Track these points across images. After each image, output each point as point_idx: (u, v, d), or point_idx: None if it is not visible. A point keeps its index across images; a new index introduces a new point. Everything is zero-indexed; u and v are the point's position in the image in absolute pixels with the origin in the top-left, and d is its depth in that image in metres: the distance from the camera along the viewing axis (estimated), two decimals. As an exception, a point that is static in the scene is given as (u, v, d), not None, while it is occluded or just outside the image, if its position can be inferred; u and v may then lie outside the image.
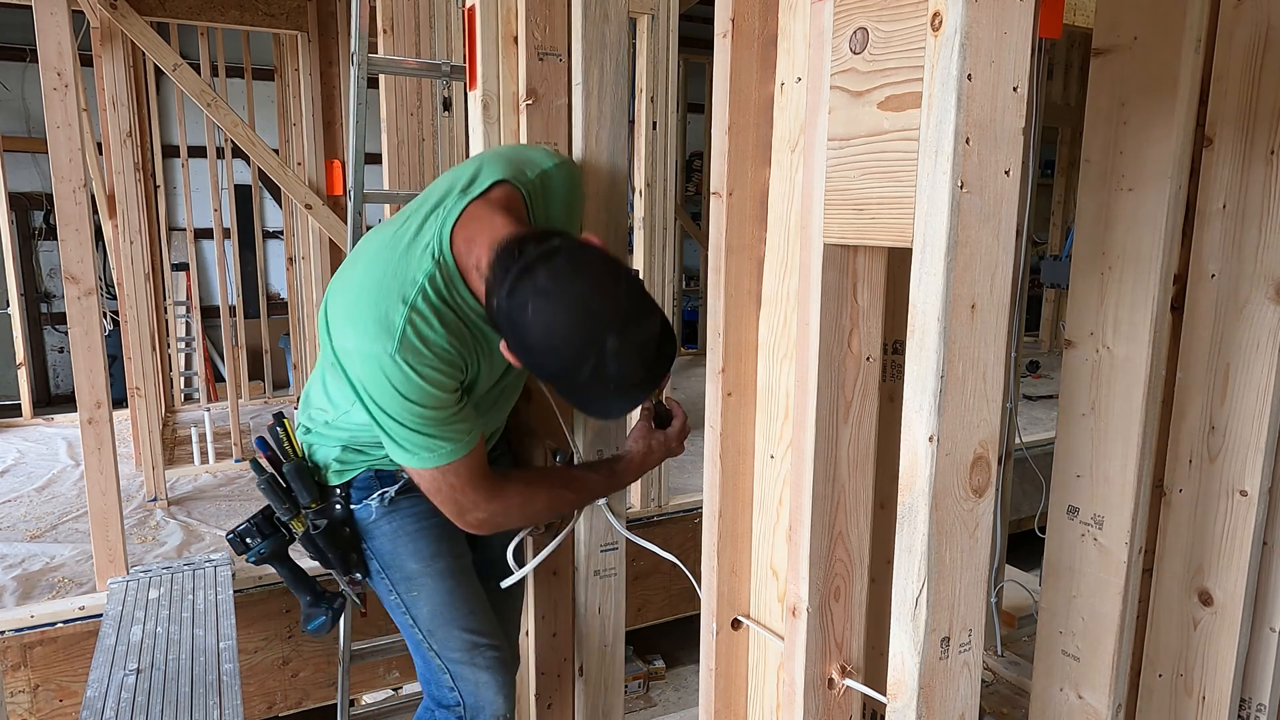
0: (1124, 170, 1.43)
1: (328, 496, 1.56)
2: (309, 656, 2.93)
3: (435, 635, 1.58)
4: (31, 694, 2.58)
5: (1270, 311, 1.41)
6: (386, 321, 1.28)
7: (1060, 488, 1.57)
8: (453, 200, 1.35)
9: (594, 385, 1.22)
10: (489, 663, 1.60)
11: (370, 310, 1.30)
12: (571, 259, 1.20)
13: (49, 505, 3.72)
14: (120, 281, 4.09)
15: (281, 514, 1.57)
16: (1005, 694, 2.54)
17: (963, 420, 0.76)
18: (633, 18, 3.19)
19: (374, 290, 1.31)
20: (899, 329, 1.00)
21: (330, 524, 1.54)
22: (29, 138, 6.84)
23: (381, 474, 1.55)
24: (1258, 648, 1.55)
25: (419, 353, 1.28)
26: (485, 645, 1.60)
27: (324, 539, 1.54)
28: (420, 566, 1.56)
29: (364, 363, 1.30)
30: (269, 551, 1.60)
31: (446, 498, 1.39)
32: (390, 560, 1.56)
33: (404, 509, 1.55)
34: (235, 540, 1.61)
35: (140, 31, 3.71)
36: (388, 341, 1.27)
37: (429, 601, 1.57)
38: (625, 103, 1.60)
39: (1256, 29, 1.38)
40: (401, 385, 1.29)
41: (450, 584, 1.57)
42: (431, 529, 1.56)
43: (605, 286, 1.21)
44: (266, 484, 1.55)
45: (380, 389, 1.30)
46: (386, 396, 1.30)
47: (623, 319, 1.20)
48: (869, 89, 0.81)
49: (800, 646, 0.96)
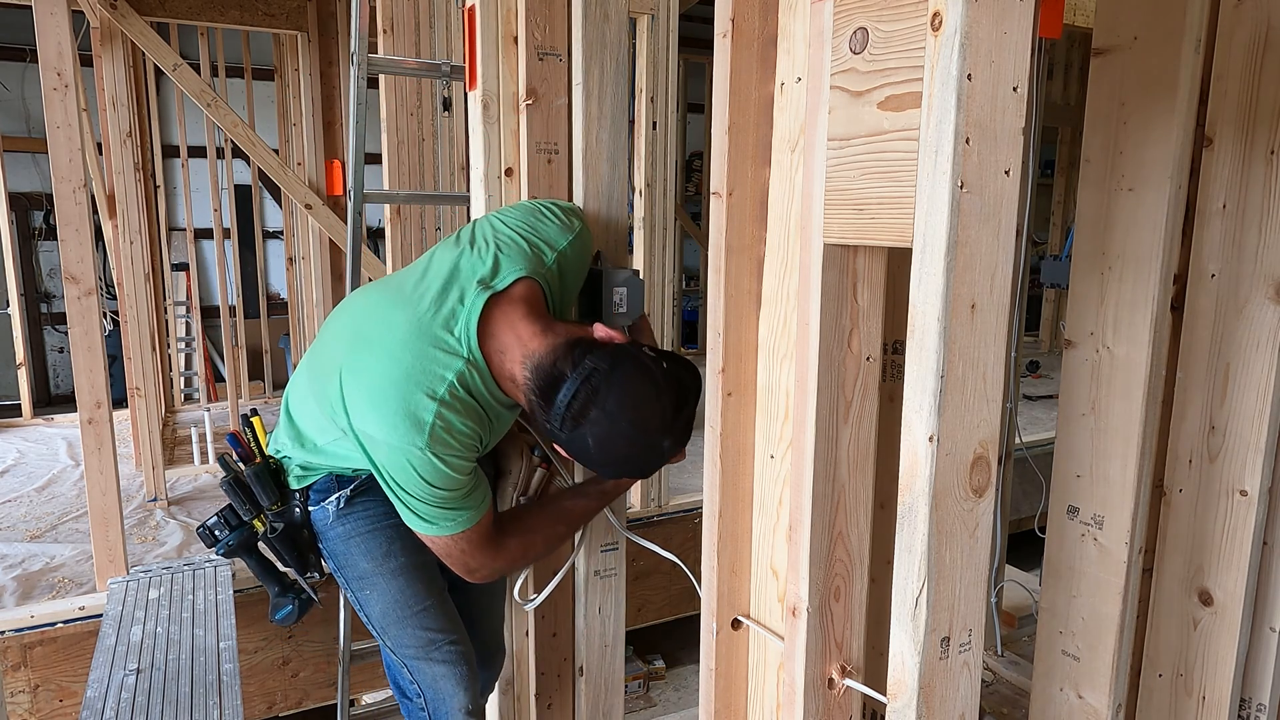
0: (1124, 170, 1.43)
1: (288, 499, 1.59)
2: (309, 656, 2.93)
3: (389, 632, 1.62)
4: (31, 694, 2.58)
5: (1270, 311, 1.41)
6: (415, 418, 1.32)
7: (1060, 488, 1.57)
8: (473, 295, 1.38)
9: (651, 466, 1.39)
10: (445, 656, 1.63)
11: (397, 404, 1.33)
12: (614, 389, 1.28)
13: (49, 505, 3.72)
14: (120, 281, 4.09)
15: (243, 514, 1.61)
16: (1005, 694, 2.54)
17: (963, 420, 0.76)
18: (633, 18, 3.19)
19: (401, 383, 1.34)
20: (899, 329, 1.00)
21: (287, 526, 1.59)
22: (29, 138, 6.84)
23: (340, 478, 1.57)
24: (1258, 648, 1.55)
25: (447, 444, 1.34)
26: (441, 640, 1.62)
27: (280, 540, 1.59)
28: (372, 566, 1.58)
29: (390, 453, 1.35)
30: (237, 543, 1.63)
31: (457, 561, 1.46)
32: (344, 560, 1.59)
33: (358, 511, 1.58)
34: (205, 533, 1.64)
35: (140, 31, 3.71)
36: (417, 437, 1.32)
37: (380, 600, 1.60)
38: (625, 103, 1.60)
39: (1256, 29, 1.38)
40: (429, 474, 1.34)
41: (402, 582, 1.59)
42: (385, 529, 1.58)
43: (650, 403, 1.30)
44: (229, 484, 1.59)
45: (406, 476, 1.36)
46: (412, 483, 1.36)
47: (670, 420, 1.32)
48: (869, 89, 0.81)
49: (800, 646, 0.96)
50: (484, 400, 1.39)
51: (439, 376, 1.34)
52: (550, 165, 1.74)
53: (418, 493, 1.37)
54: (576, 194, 1.63)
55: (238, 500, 1.59)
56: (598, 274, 1.59)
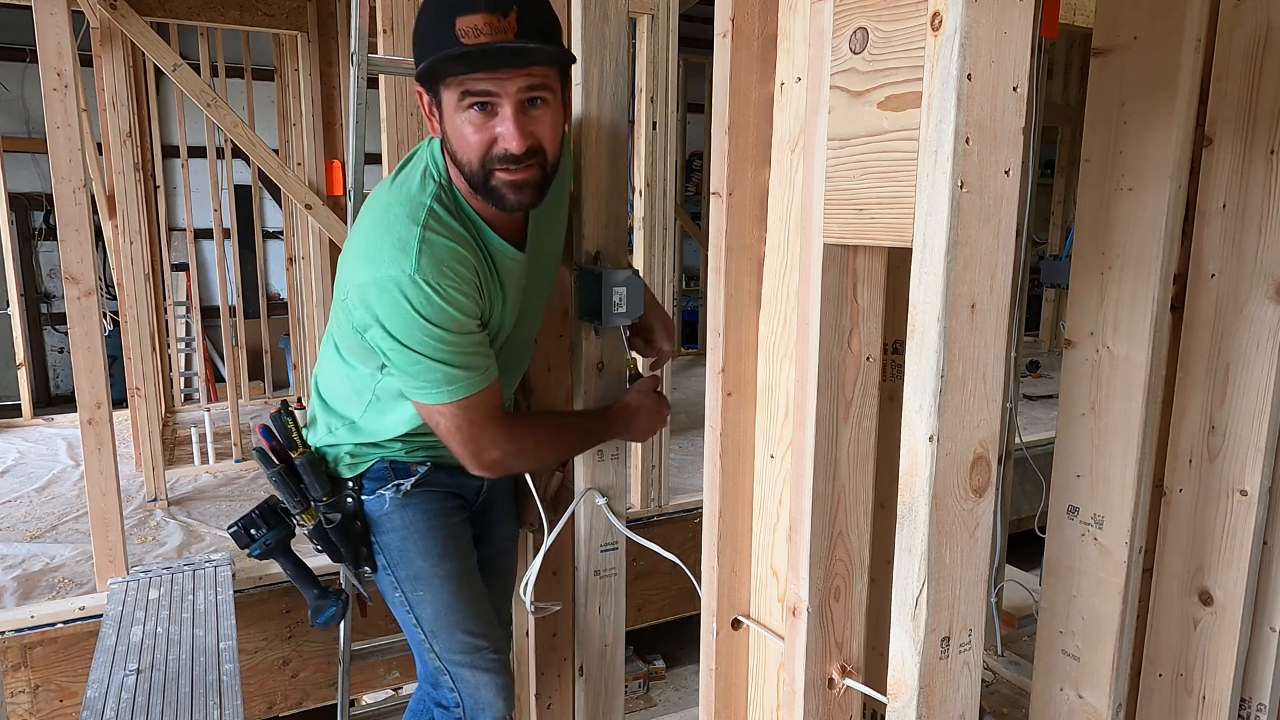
0: (1124, 170, 1.43)
1: (339, 489, 1.54)
2: (309, 657, 2.93)
3: (438, 636, 1.58)
4: (31, 694, 2.58)
5: (1270, 311, 1.41)
6: (402, 244, 1.28)
7: (1060, 487, 1.57)
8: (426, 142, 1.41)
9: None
10: (489, 664, 1.60)
11: (383, 239, 1.30)
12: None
13: (49, 505, 3.72)
14: (120, 281, 4.09)
15: (292, 506, 1.53)
16: (1005, 694, 2.54)
17: (963, 420, 0.76)
18: (633, 18, 3.19)
19: (382, 222, 1.32)
20: (899, 329, 1.00)
21: (343, 517, 1.52)
22: (29, 138, 6.84)
23: (396, 466, 1.53)
24: (1258, 647, 1.55)
25: (438, 269, 1.28)
26: (486, 648, 1.60)
27: (337, 532, 1.52)
28: (428, 565, 1.55)
29: (381, 291, 1.29)
30: (274, 542, 1.57)
31: (466, 436, 1.37)
32: (399, 557, 1.55)
33: (417, 504, 1.54)
34: (239, 532, 1.57)
35: (140, 32, 3.71)
36: (406, 262, 1.27)
37: (434, 602, 1.56)
38: (625, 103, 1.60)
39: (1256, 29, 1.38)
40: (423, 307, 1.28)
41: (455, 585, 1.57)
42: (442, 528, 1.56)
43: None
44: (278, 475, 1.51)
45: (401, 317, 1.29)
46: (408, 324, 1.29)
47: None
48: (869, 89, 0.80)
49: (800, 646, 0.96)
50: (467, 223, 1.36)
51: (418, 203, 1.32)
52: (550, 165, 1.73)
53: (415, 339, 1.30)
54: (576, 194, 1.63)
55: (287, 493, 1.52)
56: (598, 274, 1.59)
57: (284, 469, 1.51)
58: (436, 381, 1.33)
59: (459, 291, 1.30)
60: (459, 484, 1.62)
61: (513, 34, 1.25)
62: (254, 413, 5.36)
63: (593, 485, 1.69)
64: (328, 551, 1.57)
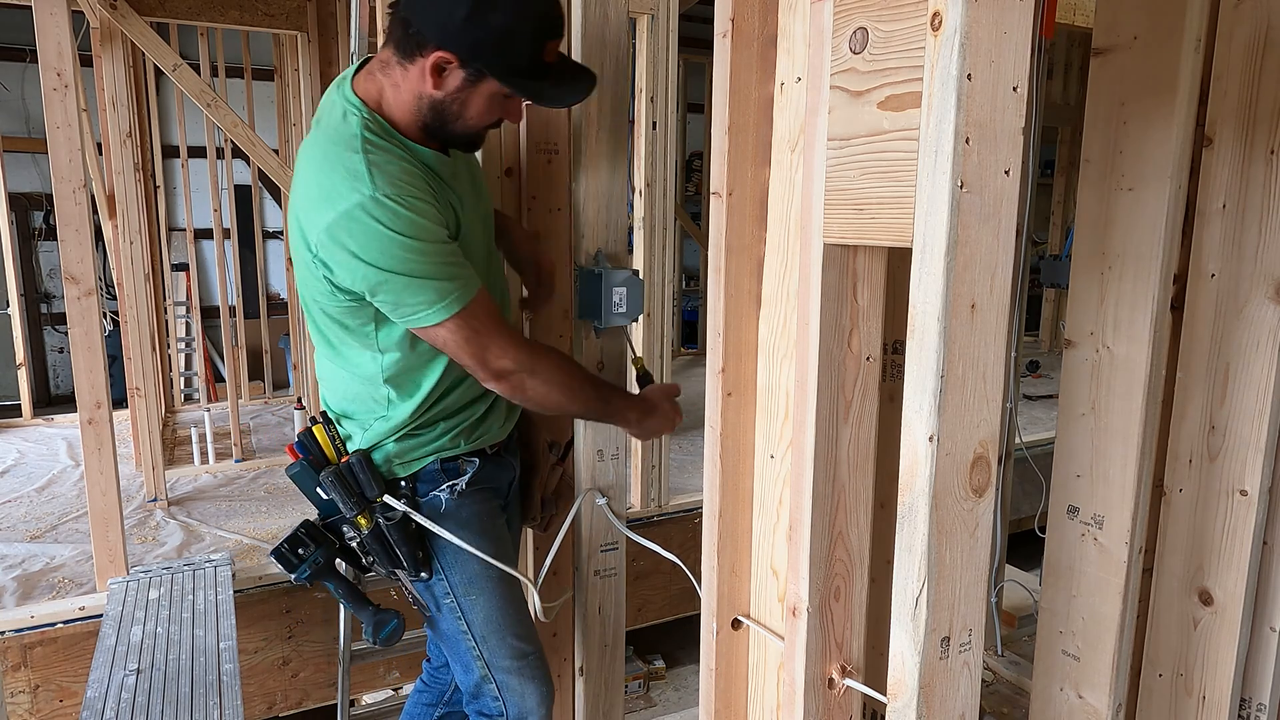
0: (1124, 170, 1.43)
1: (394, 490, 1.50)
2: (309, 657, 2.93)
3: (488, 643, 1.55)
4: (32, 694, 2.58)
5: (1270, 311, 1.41)
6: (353, 173, 1.29)
7: (1060, 487, 1.57)
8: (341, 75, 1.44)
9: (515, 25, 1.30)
10: (535, 672, 1.58)
11: (332, 176, 1.31)
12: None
13: (49, 505, 3.72)
14: (120, 282, 4.09)
15: (347, 510, 1.47)
16: (1005, 694, 2.54)
17: (963, 420, 0.76)
18: (633, 18, 3.19)
19: (324, 165, 1.33)
20: (899, 329, 1.00)
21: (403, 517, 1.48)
22: (29, 138, 6.83)
23: (446, 465, 1.51)
24: (1258, 647, 1.55)
25: (394, 182, 1.30)
26: (532, 654, 1.58)
27: (396, 533, 1.48)
28: (482, 569, 1.52)
29: (350, 221, 1.28)
30: (324, 561, 1.51)
31: (474, 346, 1.36)
32: (454, 561, 1.52)
33: (470, 505, 1.52)
34: (285, 554, 1.50)
35: (140, 32, 3.71)
36: (363, 186, 1.28)
37: (485, 606, 1.54)
38: (625, 103, 1.60)
39: (1256, 29, 1.38)
40: (393, 223, 1.28)
41: (504, 589, 1.55)
42: (492, 529, 1.55)
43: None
44: (332, 477, 1.45)
45: (375, 239, 1.28)
46: (384, 244, 1.28)
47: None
48: (869, 89, 0.81)
49: (800, 646, 0.96)
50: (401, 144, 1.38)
51: (350, 135, 1.33)
52: (550, 165, 1.74)
53: (394, 259, 1.29)
54: (576, 194, 1.63)
55: (343, 494, 1.46)
56: (598, 274, 1.59)
57: (340, 468, 1.46)
58: (429, 300, 1.32)
59: (420, 199, 1.31)
60: (499, 478, 1.62)
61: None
62: (254, 413, 5.37)
63: (593, 485, 1.69)
64: (383, 558, 1.51)
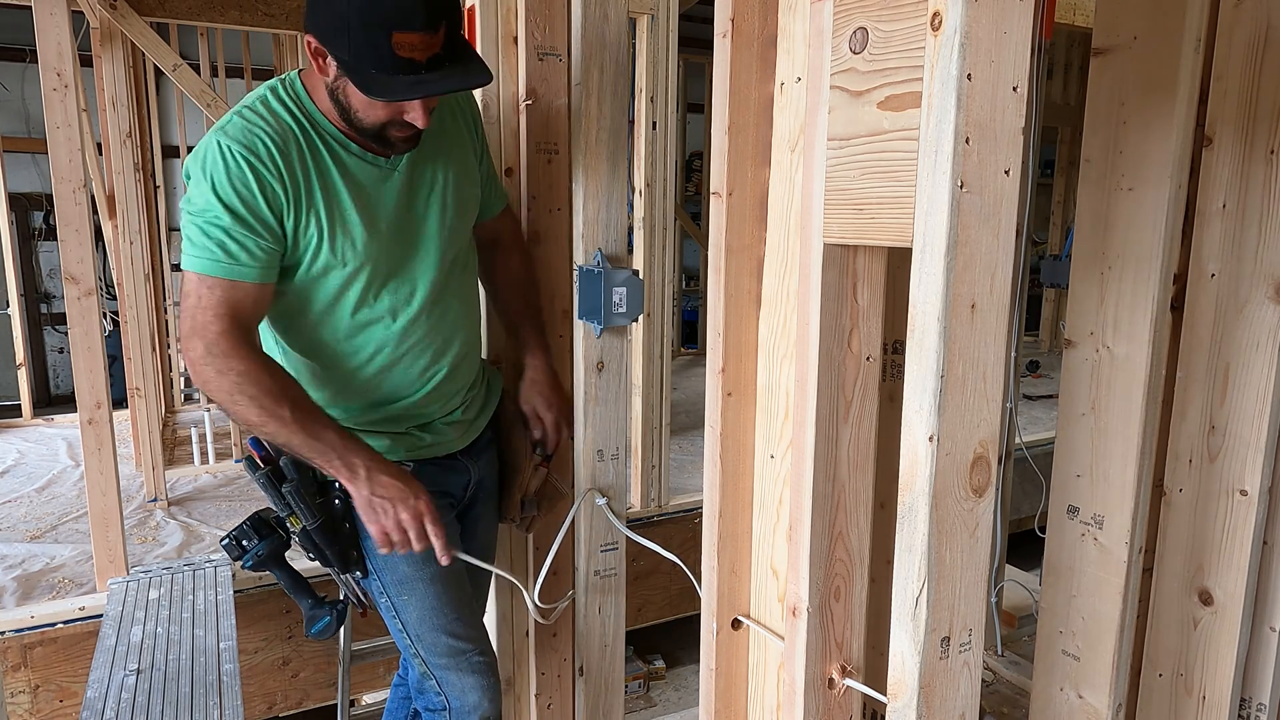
0: (1124, 170, 1.43)
1: (327, 491, 1.53)
2: (309, 657, 2.93)
3: (423, 640, 1.58)
4: (32, 694, 2.58)
5: (1270, 311, 1.41)
6: (220, 124, 1.36)
7: (1060, 487, 1.57)
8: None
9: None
10: (474, 667, 1.60)
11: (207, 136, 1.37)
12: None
13: (49, 506, 3.72)
14: (120, 281, 4.08)
15: (280, 510, 1.53)
16: (1005, 694, 2.54)
17: (963, 420, 0.76)
18: (633, 18, 3.19)
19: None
20: (899, 329, 1.00)
21: (330, 519, 1.52)
22: (29, 138, 6.83)
23: None
24: (1258, 647, 1.55)
25: (239, 139, 1.33)
26: (472, 650, 1.60)
27: (321, 534, 1.51)
28: (413, 570, 1.55)
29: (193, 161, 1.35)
30: (266, 553, 1.56)
31: (188, 313, 1.35)
32: (384, 562, 1.55)
33: None
34: (231, 545, 1.56)
35: (140, 32, 3.71)
36: (217, 132, 1.34)
37: (418, 606, 1.57)
38: (625, 103, 1.60)
39: (1256, 29, 1.38)
40: (213, 169, 1.32)
41: (439, 588, 1.57)
42: None
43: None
44: (265, 478, 1.50)
45: (198, 184, 1.33)
46: (201, 189, 1.33)
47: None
48: (869, 89, 0.81)
49: (800, 646, 0.96)
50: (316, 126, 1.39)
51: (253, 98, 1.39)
52: (550, 165, 1.74)
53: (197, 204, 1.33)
54: (576, 194, 1.63)
55: (275, 496, 1.50)
56: (598, 274, 1.60)
57: (270, 472, 1.50)
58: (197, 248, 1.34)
59: (251, 170, 1.32)
60: (447, 481, 1.63)
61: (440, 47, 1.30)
62: (254, 413, 5.35)
63: (593, 485, 1.69)
64: (317, 557, 1.56)
